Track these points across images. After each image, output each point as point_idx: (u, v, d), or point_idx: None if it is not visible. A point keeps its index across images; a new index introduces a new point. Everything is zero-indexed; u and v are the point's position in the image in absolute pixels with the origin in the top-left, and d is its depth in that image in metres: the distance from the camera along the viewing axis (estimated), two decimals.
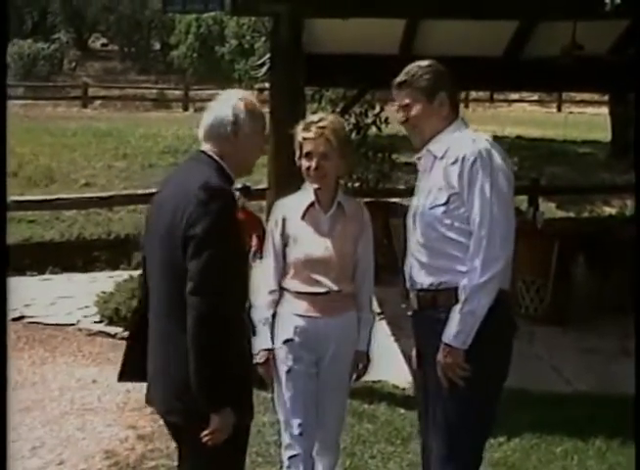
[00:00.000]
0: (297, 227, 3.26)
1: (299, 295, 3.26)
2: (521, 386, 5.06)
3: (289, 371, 3.28)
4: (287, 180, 4.42)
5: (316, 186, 3.26)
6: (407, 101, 2.97)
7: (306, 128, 3.25)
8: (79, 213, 10.55)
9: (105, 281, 7.66)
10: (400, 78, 2.98)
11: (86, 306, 6.98)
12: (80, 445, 4.45)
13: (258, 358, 3.26)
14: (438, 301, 2.92)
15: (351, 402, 4.92)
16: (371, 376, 5.33)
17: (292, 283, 3.28)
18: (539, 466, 4.28)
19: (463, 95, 17.99)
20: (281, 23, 5.10)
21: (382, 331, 6.52)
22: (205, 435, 2.51)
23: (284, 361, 3.28)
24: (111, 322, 6.56)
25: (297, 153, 3.30)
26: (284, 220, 3.29)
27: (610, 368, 5.74)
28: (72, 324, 6.66)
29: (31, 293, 7.31)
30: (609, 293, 6.91)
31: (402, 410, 4.86)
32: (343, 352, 3.32)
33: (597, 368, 5.76)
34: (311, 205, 3.28)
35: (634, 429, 3.14)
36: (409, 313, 3.07)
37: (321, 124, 3.23)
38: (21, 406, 4.84)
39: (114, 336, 6.38)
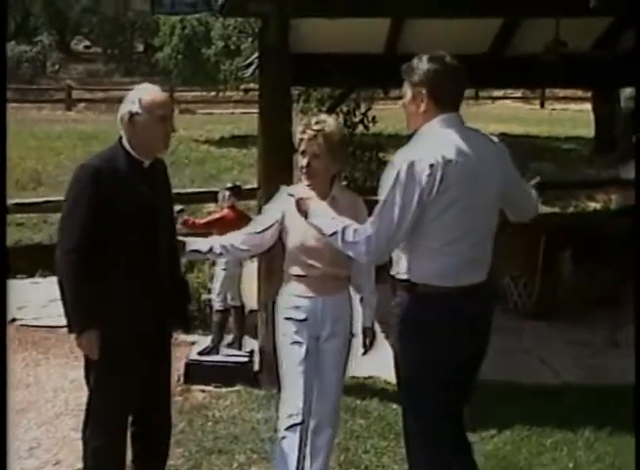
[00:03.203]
0: (294, 218, 3.47)
1: (298, 278, 3.58)
2: (510, 379, 5.15)
3: (290, 345, 3.57)
4: (276, 179, 4.45)
5: (307, 183, 3.52)
6: (402, 91, 3.11)
7: (303, 129, 3.50)
8: None
9: None
10: (402, 69, 3.10)
11: None
12: (76, 444, 4.42)
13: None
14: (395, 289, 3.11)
15: (344, 398, 4.97)
16: (363, 372, 5.46)
17: (291, 267, 3.60)
18: (530, 458, 4.34)
19: None
20: (269, 23, 5.14)
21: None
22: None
23: (286, 336, 3.59)
24: None
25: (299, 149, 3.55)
26: (283, 212, 3.56)
27: (598, 360, 5.83)
28: (64, 326, 6.65)
29: (22, 296, 7.32)
30: (595, 286, 6.99)
31: (394, 405, 4.89)
32: (339, 330, 3.62)
33: (585, 360, 5.84)
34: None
35: (634, 429, 3.21)
36: (393, 315, 3.16)
37: (316, 127, 3.46)
38: (16, 408, 4.86)
39: None
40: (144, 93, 3.36)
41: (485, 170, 2.99)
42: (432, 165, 2.87)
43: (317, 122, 3.48)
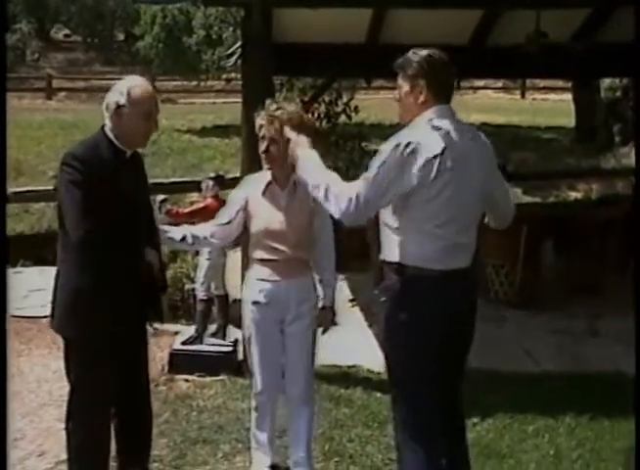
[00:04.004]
0: (257, 203, 3.67)
1: (262, 261, 3.69)
2: (492, 368, 5.20)
3: (257, 329, 3.72)
4: (259, 169, 4.46)
5: (267, 167, 3.65)
6: (397, 84, 3.20)
7: (262, 115, 3.59)
8: (48, 206, 10.46)
9: None
10: (396, 63, 3.21)
11: None
12: (61, 435, 4.41)
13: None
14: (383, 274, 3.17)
15: (328, 387, 5.02)
16: (346, 361, 5.49)
17: (255, 252, 3.72)
18: (512, 445, 4.39)
19: None
20: (252, 12, 5.14)
21: (355, 317, 6.63)
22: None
23: (253, 320, 3.73)
24: None
25: (259, 136, 3.64)
26: (247, 199, 3.70)
27: (578, 348, 5.89)
28: (46, 316, 6.61)
29: None
30: (576, 275, 7.06)
31: (378, 394, 4.95)
32: (304, 311, 3.73)
33: (566, 349, 5.90)
34: (269, 183, 3.69)
35: (635, 428, 3.25)
36: (382, 299, 3.19)
37: (273, 113, 3.56)
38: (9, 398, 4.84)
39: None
40: (133, 86, 3.33)
41: (475, 161, 3.12)
42: (431, 152, 2.98)
43: (276, 108, 3.57)
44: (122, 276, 3.32)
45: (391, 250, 3.12)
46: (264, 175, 3.71)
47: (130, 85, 3.33)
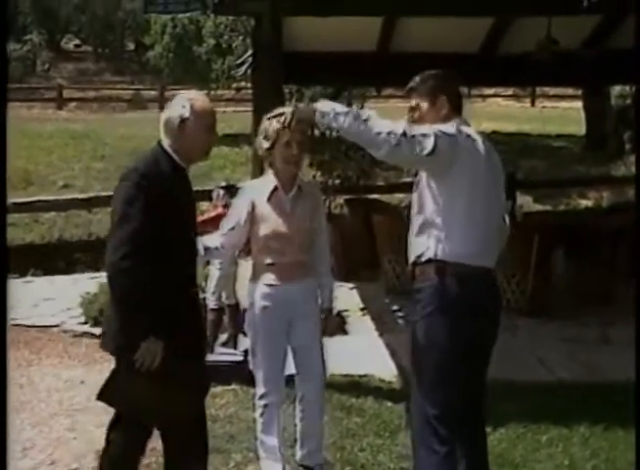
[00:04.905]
0: (263, 208, 3.72)
1: (269, 266, 3.73)
2: (506, 377, 5.16)
3: (264, 332, 3.76)
4: None
5: (292, 172, 3.71)
6: (414, 104, 3.35)
7: (284, 119, 3.52)
8: (59, 215, 10.54)
9: (87, 282, 7.65)
10: (410, 85, 3.37)
11: (69, 308, 6.99)
12: (71, 444, 4.47)
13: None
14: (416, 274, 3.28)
15: (339, 397, 4.99)
16: (357, 370, 5.47)
17: (261, 256, 3.76)
18: (525, 455, 4.35)
19: None
20: (263, 21, 5.14)
21: (366, 326, 6.60)
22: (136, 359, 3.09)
23: (259, 324, 3.77)
24: (96, 323, 6.55)
25: (270, 142, 3.66)
26: (253, 203, 3.73)
27: (591, 357, 5.85)
28: (57, 326, 6.67)
29: (14, 295, 7.29)
30: (588, 283, 7.02)
31: (389, 403, 4.92)
32: (310, 312, 3.82)
33: (579, 357, 5.85)
34: (275, 188, 3.73)
35: (635, 429, 3.22)
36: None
37: (300, 116, 3.51)
38: (9, 408, 4.84)
39: (99, 337, 6.37)
40: (194, 99, 3.30)
41: (497, 168, 3.32)
42: (472, 149, 3.16)
43: (293, 113, 3.52)
44: (183, 294, 3.27)
45: (430, 247, 3.19)
46: (266, 181, 3.77)
47: (192, 98, 3.30)
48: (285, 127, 3.55)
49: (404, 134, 3.03)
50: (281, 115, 3.57)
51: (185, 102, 3.28)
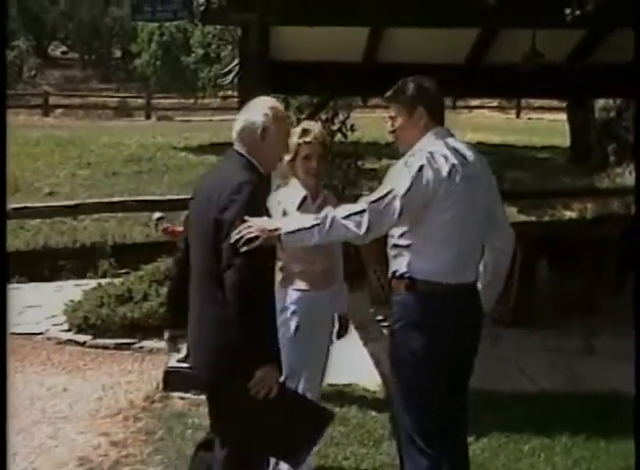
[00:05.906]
0: (294, 215, 3.76)
1: (299, 273, 3.82)
2: (488, 386, 5.17)
3: (295, 336, 3.78)
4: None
5: (313, 183, 3.85)
6: (392, 113, 3.30)
7: (306, 134, 3.80)
8: (44, 222, 10.49)
9: (71, 290, 7.63)
10: (388, 94, 3.32)
11: (54, 316, 6.96)
12: (54, 452, 4.45)
13: None
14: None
15: (323, 405, 4.99)
16: (341, 379, 5.47)
17: (291, 264, 3.81)
18: (508, 464, 4.36)
19: None
20: (250, 31, 5.16)
21: (350, 336, 6.60)
22: (251, 387, 2.89)
23: (290, 328, 3.79)
24: (79, 330, 6.55)
25: (291, 155, 3.79)
26: (284, 212, 3.79)
27: (574, 367, 5.87)
28: (41, 333, 6.64)
29: None
30: (571, 294, 7.05)
31: (373, 413, 4.93)
32: (330, 317, 4.00)
33: (562, 367, 5.88)
34: (305, 198, 3.84)
35: (634, 431, 3.24)
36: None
37: (318, 131, 3.87)
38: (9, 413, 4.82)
39: (83, 344, 6.38)
40: (272, 106, 3.21)
41: (481, 178, 3.25)
42: (442, 170, 3.09)
43: (314, 127, 3.87)
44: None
45: (402, 265, 3.19)
46: (295, 190, 3.85)
47: (270, 105, 3.20)
48: (307, 142, 3.76)
49: (369, 216, 2.98)
50: (308, 131, 3.79)
51: (265, 109, 3.17)
